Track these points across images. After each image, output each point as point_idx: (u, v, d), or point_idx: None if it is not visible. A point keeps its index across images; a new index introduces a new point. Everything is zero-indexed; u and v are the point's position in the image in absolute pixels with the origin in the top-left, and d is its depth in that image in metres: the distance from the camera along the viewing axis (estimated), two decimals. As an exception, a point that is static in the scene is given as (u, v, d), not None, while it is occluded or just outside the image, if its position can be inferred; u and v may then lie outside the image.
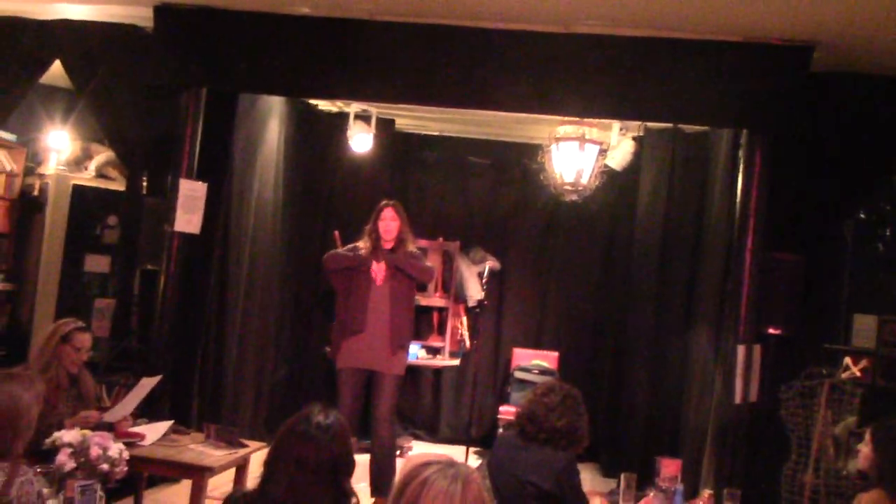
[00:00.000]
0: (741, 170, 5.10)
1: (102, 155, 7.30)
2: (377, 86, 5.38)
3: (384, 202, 5.50)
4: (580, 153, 5.99)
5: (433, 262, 7.26)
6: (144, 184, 5.89)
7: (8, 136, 6.94)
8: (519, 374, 7.25)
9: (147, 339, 5.51)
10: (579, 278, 7.63)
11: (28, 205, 7.17)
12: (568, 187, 6.13)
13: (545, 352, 7.49)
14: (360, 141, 7.09)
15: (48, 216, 7.13)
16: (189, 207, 5.40)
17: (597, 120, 5.99)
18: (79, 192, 7.22)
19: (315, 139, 7.39)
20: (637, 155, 6.69)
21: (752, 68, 4.84)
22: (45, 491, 2.55)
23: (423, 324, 7.52)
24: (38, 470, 2.75)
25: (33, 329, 6.93)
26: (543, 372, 7.13)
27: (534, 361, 7.35)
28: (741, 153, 5.15)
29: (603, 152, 6.18)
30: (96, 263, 7.22)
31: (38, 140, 7.15)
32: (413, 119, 7.46)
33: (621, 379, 6.93)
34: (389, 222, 5.38)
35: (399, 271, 5.37)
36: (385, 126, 7.42)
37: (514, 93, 5.13)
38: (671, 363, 6.46)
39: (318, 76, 5.40)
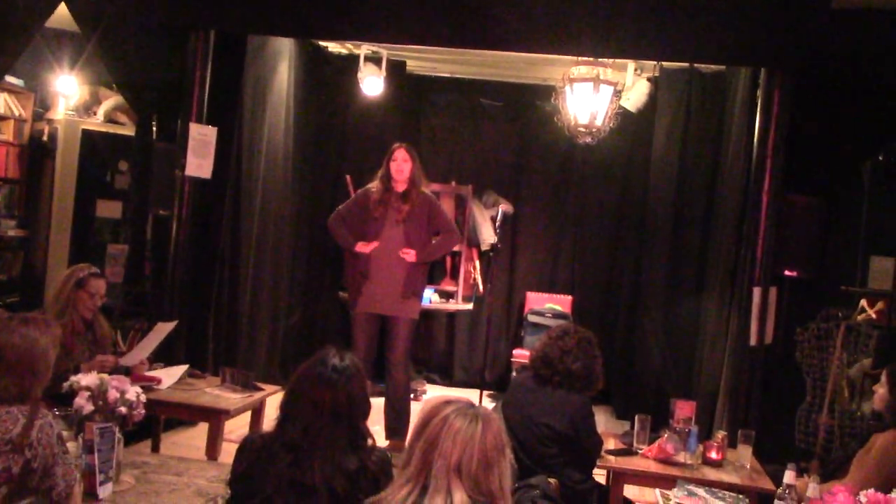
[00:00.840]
0: (759, 110, 5.03)
1: (111, 100, 7.27)
2: (387, 26, 5.32)
3: (396, 144, 5.47)
4: (594, 94, 5.92)
5: (446, 205, 7.20)
6: (154, 128, 5.87)
7: (15, 81, 6.91)
8: (532, 318, 7.28)
9: (160, 284, 5.55)
10: (594, 222, 7.61)
11: (38, 151, 7.17)
12: (582, 129, 6.08)
13: (559, 295, 7.51)
14: (371, 84, 7.02)
15: (58, 162, 7.13)
16: (199, 152, 5.39)
17: (611, 60, 5.91)
18: (88, 138, 7.21)
19: (325, 82, 7.33)
20: (652, 96, 6.62)
21: (771, 5, 4.75)
22: (65, 433, 2.59)
23: (437, 268, 7.52)
24: (57, 413, 2.79)
25: (47, 275, 6.99)
26: (557, 315, 7.15)
27: (547, 305, 7.38)
28: (759, 93, 5.08)
29: (618, 93, 6.12)
30: (108, 209, 7.24)
31: (46, 85, 7.11)
32: (425, 61, 7.37)
33: (635, 322, 6.96)
34: (402, 163, 5.34)
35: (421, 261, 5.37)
36: (396, 68, 7.33)
37: (527, 32, 5.07)
38: (686, 306, 6.47)
39: (328, 17, 5.33)
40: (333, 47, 7.27)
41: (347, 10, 5.24)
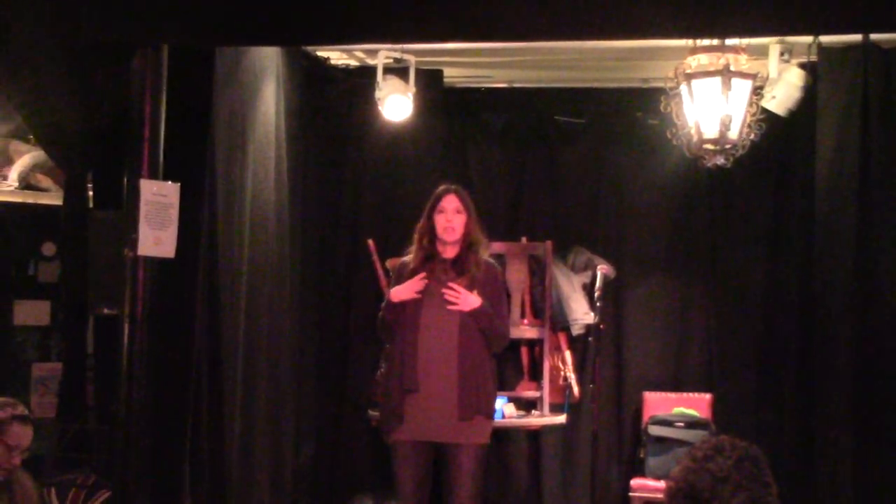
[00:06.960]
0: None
1: (27, 156, 7.35)
2: (412, 20, 5.30)
3: (443, 188, 5.49)
4: (724, 94, 5.87)
5: (516, 274, 7.22)
6: (90, 192, 5.89)
7: None
8: (656, 430, 7.19)
9: (111, 416, 5.49)
10: (735, 281, 7.49)
11: (-78, 236, 7.25)
12: (709, 146, 6.05)
13: (691, 394, 7.43)
14: (395, 104, 7.02)
15: (-46, 251, 7.20)
16: (157, 221, 5.37)
17: (744, 41, 5.88)
18: (-4, 213, 7.27)
19: (330, 107, 7.44)
20: (809, 89, 6.53)
21: None
22: None
23: (509, 366, 7.45)
24: None
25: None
26: (692, 424, 7.08)
27: (676, 410, 7.29)
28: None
29: (758, 90, 6.07)
30: (31, 313, 7.25)
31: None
32: (470, 67, 7.44)
33: (811, 428, 6.75)
34: (452, 215, 5.38)
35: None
36: (429, 80, 7.37)
37: (610, 13, 5.01)
38: (891, 404, 6.30)
39: (325, 12, 5.34)
40: (338, 56, 7.35)
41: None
